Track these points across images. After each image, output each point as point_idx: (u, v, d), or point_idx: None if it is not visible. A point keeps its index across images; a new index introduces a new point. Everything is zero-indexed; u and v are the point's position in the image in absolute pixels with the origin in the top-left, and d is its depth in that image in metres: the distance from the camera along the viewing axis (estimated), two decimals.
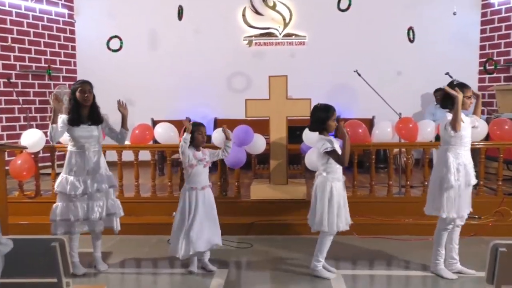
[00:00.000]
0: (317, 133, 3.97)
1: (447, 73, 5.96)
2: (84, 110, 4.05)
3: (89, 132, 4.04)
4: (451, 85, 3.86)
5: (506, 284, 2.22)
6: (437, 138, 5.85)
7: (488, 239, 2.52)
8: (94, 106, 4.10)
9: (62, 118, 4.05)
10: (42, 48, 8.18)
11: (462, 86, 3.82)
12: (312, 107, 5.40)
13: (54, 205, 4.10)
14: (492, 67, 7.38)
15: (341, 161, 3.81)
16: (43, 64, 8.10)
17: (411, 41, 7.04)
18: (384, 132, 5.47)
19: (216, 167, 5.48)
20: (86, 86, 4.02)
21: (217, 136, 5.19)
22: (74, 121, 4.02)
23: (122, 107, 4.19)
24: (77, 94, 4.00)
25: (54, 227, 4.07)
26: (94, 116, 4.06)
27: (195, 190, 4.06)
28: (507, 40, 7.95)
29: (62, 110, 4.06)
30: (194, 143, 4.06)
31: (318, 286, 3.82)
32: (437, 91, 6.81)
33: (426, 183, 5.36)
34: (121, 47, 7.37)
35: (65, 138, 4.20)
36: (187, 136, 3.96)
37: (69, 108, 4.11)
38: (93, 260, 4.22)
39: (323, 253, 3.94)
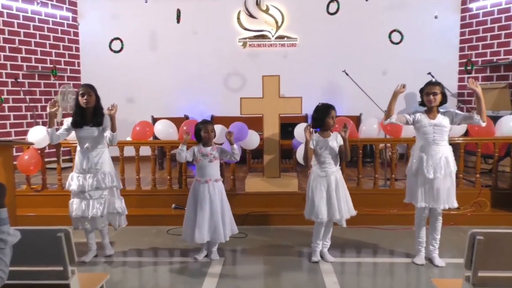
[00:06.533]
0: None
1: (429, 73, 5.97)
2: (88, 112, 4.00)
3: (89, 133, 3.99)
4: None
5: (482, 269, 2.24)
6: None
7: (466, 228, 2.55)
8: (97, 108, 4.01)
9: (67, 121, 4.05)
10: (48, 49, 8.11)
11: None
12: (302, 105, 5.40)
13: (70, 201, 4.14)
14: (469, 67, 7.40)
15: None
16: (48, 65, 8.03)
17: (393, 42, 7.01)
18: (371, 128, 5.48)
19: None
20: (84, 89, 3.96)
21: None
22: (76, 123, 3.99)
23: (109, 110, 4.01)
24: (79, 97, 3.96)
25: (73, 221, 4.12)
26: (95, 118, 3.99)
27: (199, 182, 4.07)
28: (485, 42, 7.97)
29: (57, 115, 4.00)
30: (202, 140, 4.14)
31: (308, 271, 3.84)
32: None
33: None
34: (122, 48, 7.32)
35: (73, 135, 4.17)
36: (182, 147, 4.08)
37: (73, 109, 4.08)
38: (102, 246, 4.21)
39: None
